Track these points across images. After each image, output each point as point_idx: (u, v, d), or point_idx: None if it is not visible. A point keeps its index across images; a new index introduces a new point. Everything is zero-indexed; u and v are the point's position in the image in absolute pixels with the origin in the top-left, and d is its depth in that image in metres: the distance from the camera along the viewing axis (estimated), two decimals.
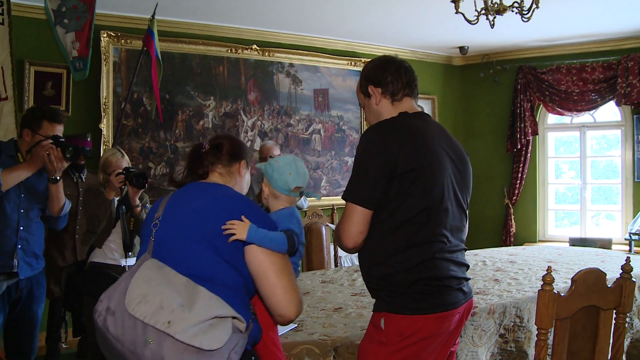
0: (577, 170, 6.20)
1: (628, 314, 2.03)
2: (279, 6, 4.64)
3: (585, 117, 6.02)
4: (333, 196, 5.71)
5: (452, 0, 3.52)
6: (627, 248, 5.21)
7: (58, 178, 2.70)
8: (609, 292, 1.86)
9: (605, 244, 5.35)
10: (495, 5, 3.52)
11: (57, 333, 3.87)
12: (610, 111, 5.98)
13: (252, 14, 4.84)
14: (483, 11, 3.56)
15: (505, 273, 3.18)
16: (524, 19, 3.52)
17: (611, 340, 1.94)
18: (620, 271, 1.93)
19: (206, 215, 1.56)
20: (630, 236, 5.17)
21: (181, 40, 4.94)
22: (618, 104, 5.57)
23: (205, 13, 4.82)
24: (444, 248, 1.79)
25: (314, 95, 5.75)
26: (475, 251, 4.03)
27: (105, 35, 4.55)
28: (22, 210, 2.70)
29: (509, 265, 3.42)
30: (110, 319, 1.41)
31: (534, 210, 6.28)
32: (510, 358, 2.52)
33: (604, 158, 6.21)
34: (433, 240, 1.77)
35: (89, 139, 3.96)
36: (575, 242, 5.54)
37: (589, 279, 1.79)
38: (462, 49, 6.21)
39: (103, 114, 4.54)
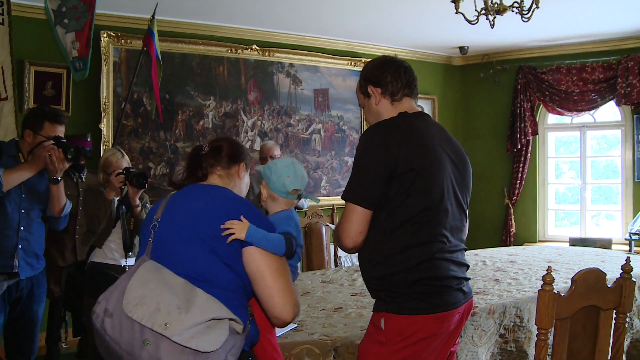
0: (577, 170, 6.20)
1: (628, 314, 2.03)
2: (279, 6, 4.64)
3: (585, 117, 6.02)
4: (333, 196, 5.71)
5: (452, 0, 3.52)
6: (627, 248, 5.21)
7: (59, 178, 2.71)
8: (609, 292, 1.87)
9: (605, 244, 5.35)
10: (495, 5, 3.52)
11: (57, 333, 3.87)
12: (610, 111, 5.97)
13: (252, 14, 4.84)
14: (483, 11, 3.56)
15: (505, 273, 3.18)
16: (524, 19, 3.52)
17: (611, 340, 1.94)
18: (620, 271, 1.93)
19: (205, 217, 1.56)
20: (630, 236, 5.17)
21: (181, 40, 4.94)
22: (618, 104, 5.57)
23: (205, 13, 4.82)
24: (443, 248, 1.79)
25: (314, 95, 5.75)
26: (475, 251, 4.03)
27: (105, 35, 4.55)
28: (23, 211, 2.70)
29: (509, 265, 3.42)
30: (108, 321, 1.42)
31: (534, 210, 6.28)
32: (510, 358, 2.52)
33: (604, 158, 6.21)
34: (433, 240, 1.77)
35: (89, 139, 3.96)
36: (575, 242, 5.53)
37: (589, 279, 1.80)
38: (462, 49, 6.21)
39: (103, 114, 4.54)
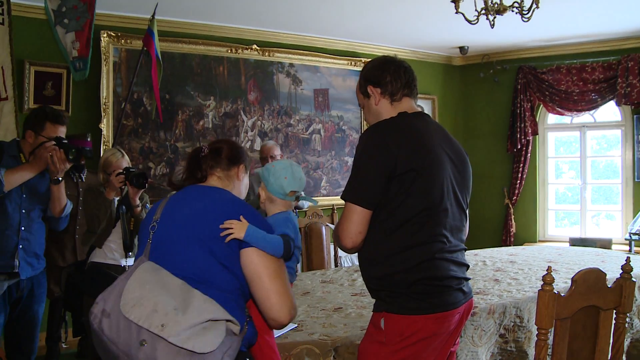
0: (577, 170, 6.20)
1: (628, 314, 2.03)
2: (279, 6, 4.64)
3: (585, 117, 6.02)
4: (333, 196, 5.71)
5: (452, 0, 3.52)
6: (627, 248, 5.21)
7: (60, 179, 2.71)
8: (609, 292, 1.86)
9: (605, 244, 5.35)
10: (495, 5, 3.52)
11: (57, 333, 3.87)
12: (610, 111, 5.97)
13: (252, 14, 4.84)
14: (483, 11, 3.56)
15: (505, 273, 3.18)
16: (524, 19, 3.52)
17: (611, 340, 1.94)
18: (620, 271, 1.93)
19: (203, 218, 1.57)
20: (630, 236, 5.17)
21: (181, 40, 4.93)
22: (618, 104, 5.57)
23: (205, 13, 4.82)
24: (443, 248, 1.79)
25: (314, 95, 5.75)
26: (475, 251, 4.03)
27: (105, 35, 4.55)
28: (24, 211, 2.70)
29: (509, 265, 3.42)
30: (105, 321, 1.43)
31: (534, 210, 6.28)
32: (510, 358, 2.52)
33: (604, 158, 6.21)
34: (433, 240, 1.77)
35: (89, 139, 3.96)
36: (575, 242, 5.53)
37: (589, 279, 1.80)
38: (462, 49, 6.21)
39: (103, 114, 4.54)
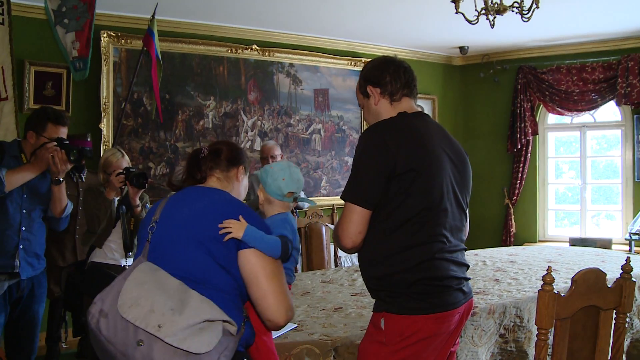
0: (577, 170, 6.20)
1: (628, 314, 2.03)
2: (279, 6, 4.64)
3: (585, 117, 6.02)
4: (333, 196, 5.71)
5: (452, 0, 3.52)
6: (627, 248, 5.21)
7: (61, 180, 2.72)
8: (609, 292, 1.87)
9: (605, 244, 5.35)
10: (495, 5, 3.52)
11: (57, 333, 3.87)
12: (610, 111, 5.97)
13: (252, 14, 4.84)
14: (483, 11, 3.56)
15: (505, 273, 3.18)
16: (524, 19, 3.52)
17: (611, 340, 1.94)
18: (620, 271, 1.93)
19: (202, 219, 1.57)
20: (630, 236, 5.17)
21: (181, 40, 4.93)
22: (618, 104, 5.57)
23: (205, 13, 4.82)
24: (443, 248, 1.78)
25: (314, 95, 5.75)
26: (475, 251, 4.03)
27: (105, 35, 4.55)
28: (25, 211, 2.71)
29: (509, 265, 3.42)
30: (102, 321, 1.43)
31: (534, 210, 6.28)
32: (510, 358, 2.52)
33: (604, 158, 6.21)
34: (433, 240, 1.77)
35: (89, 139, 3.96)
36: (575, 242, 5.53)
37: (589, 279, 1.80)
38: (462, 49, 6.21)
39: (103, 114, 4.54)
